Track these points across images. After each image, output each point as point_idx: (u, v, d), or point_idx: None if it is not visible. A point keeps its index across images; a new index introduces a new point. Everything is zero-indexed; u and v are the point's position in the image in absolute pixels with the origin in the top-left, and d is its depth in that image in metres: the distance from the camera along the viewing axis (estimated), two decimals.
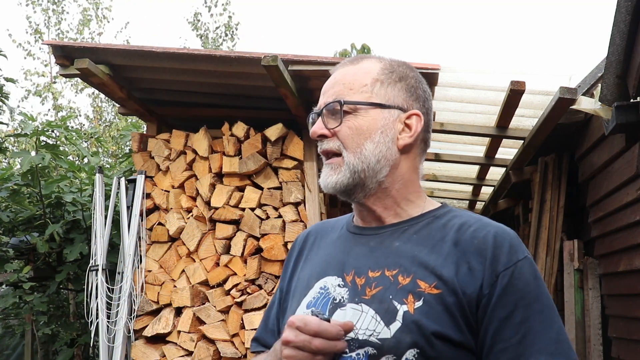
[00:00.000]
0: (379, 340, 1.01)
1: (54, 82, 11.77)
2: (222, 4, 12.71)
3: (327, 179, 1.15)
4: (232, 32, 12.76)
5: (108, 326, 3.60)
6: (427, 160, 4.94)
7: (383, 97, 1.14)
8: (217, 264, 3.67)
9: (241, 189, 3.72)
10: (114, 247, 4.20)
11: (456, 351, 1.02)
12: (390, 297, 1.04)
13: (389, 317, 1.02)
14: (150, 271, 3.75)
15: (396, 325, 1.02)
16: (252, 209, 3.64)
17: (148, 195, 3.83)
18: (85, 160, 6.58)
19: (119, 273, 3.70)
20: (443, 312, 1.01)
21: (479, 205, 6.65)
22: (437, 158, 4.75)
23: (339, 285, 1.11)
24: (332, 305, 1.09)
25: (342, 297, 1.09)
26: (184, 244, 3.72)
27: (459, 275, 1.04)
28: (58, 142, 5.37)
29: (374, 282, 1.07)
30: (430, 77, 3.31)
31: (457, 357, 1.02)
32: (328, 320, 1.00)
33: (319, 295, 1.12)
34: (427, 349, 1.00)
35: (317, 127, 1.15)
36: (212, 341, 3.57)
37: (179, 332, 3.62)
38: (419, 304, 1.02)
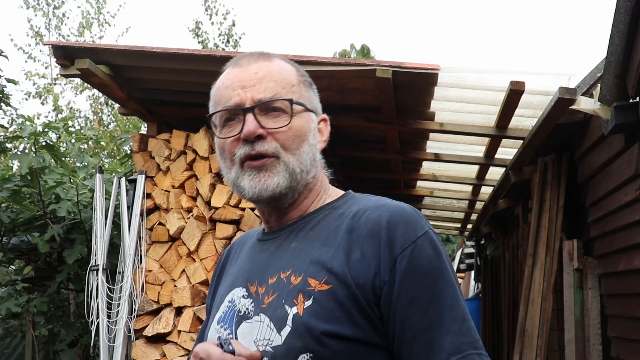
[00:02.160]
0: (272, 349, 0.95)
1: (55, 84, 11.78)
2: (222, 14, 12.67)
3: (265, 182, 1.02)
4: (235, 41, 12.71)
5: (108, 326, 3.61)
6: (426, 160, 4.95)
7: (307, 100, 1.09)
8: None
9: None
10: (114, 247, 4.20)
11: (355, 348, 0.93)
12: (283, 301, 0.97)
13: (281, 323, 0.95)
14: (150, 271, 3.76)
15: (286, 330, 0.95)
16: (253, 209, 3.64)
17: (148, 195, 3.84)
18: (85, 159, 6.55)
19: (119, 273, 3.71)
20: (335, 308, 0.93)
21: (479, 205, 6.66)
22: (437, 158, 4.75)
23: (243, 296, 1.05)
24: (238, 318, 1.03)
25: (247, 309, 1.03)
26: (185, 244, 3.73)
27: (350, 264, 0.95)
28: (59, 142, 5.38)
29: (272, 289, 1.00)
30: (430, 77, 3.31)
31: (356, 355, 0.94)
32: (233, 352, 0.93)
33: (227, 309, 1.07)
34: (320, 351, 0.92)
35: (253, 127, 1.02)
36: None
37: (179, 331, 3.62)
38: (308, 303, 0.95)
